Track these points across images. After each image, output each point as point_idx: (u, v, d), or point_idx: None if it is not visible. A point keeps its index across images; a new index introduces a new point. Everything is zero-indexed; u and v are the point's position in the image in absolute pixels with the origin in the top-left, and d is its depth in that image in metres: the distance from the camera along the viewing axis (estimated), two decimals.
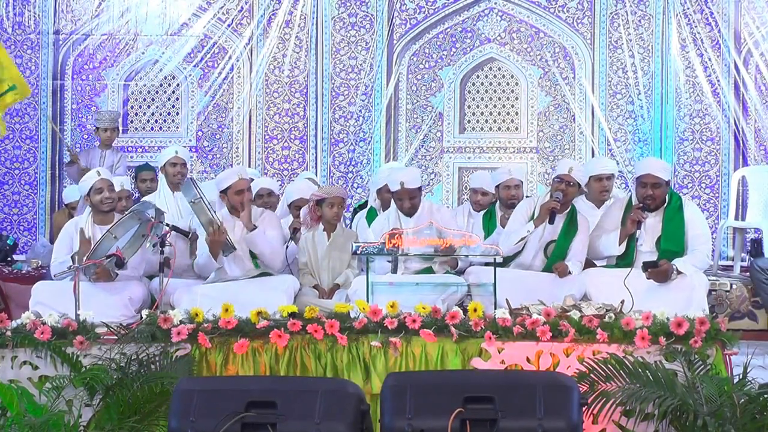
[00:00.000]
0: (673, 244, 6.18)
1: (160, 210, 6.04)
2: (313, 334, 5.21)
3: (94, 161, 8.34)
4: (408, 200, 6.50)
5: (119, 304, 6.01)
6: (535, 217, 6.43)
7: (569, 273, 6.24)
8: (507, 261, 6.33)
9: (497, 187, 7.16)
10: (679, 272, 6.03)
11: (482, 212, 7.18)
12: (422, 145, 9.69)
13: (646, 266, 6.00)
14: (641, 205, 6.20)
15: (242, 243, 6.31)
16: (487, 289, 5.87)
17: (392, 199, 6.69)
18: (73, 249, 6.28)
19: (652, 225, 6.26)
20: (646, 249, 6.24)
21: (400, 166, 8.65)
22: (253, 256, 6.35)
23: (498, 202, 7.15)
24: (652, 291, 5.94)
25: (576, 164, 6.71)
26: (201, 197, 5.99)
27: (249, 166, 9.54)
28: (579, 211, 6.73)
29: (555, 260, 6.37)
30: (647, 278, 5.97)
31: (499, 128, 9.68)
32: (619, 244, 6.22)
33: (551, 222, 6.32)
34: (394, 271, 6.23)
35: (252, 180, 6.98)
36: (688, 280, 6.01)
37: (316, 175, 9.36)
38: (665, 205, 6.30)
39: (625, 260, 6.24)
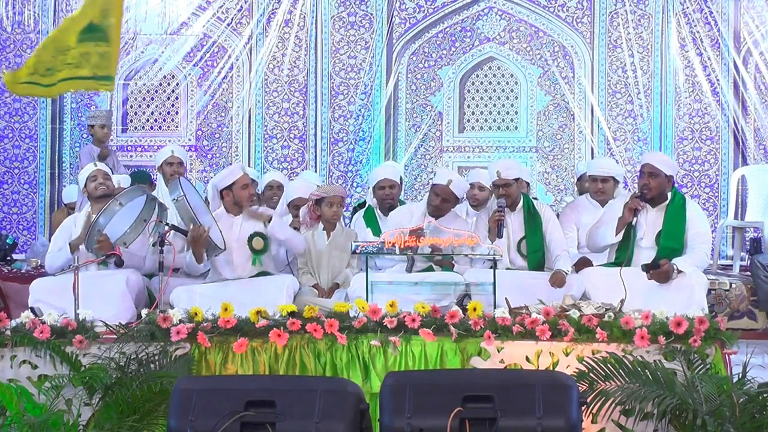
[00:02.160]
0: (672, 241, 6.15)
1: (163, 205, 6.05)
2: (313, 334, 5.21)
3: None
4: (443, 201, 6.46)
5: (117, 297, 6.01)
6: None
7: (566, 274, 6.22)
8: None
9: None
10: (679, 271, 6.02)
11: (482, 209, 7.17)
12: (422, 145, 9.70)
13: (647, 268, 5.99)
14: (639, 194, 6.18)
15: (240, 242, 6.30)
16: (486, 289, 5.87)
17: (429, 195, 6.66)
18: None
19: (653, 220, 6.23)
20: (646, 245, 6.20)
21: (396, 164, 8.64)
22: (254, 251, 6.33)
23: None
24: (652, 290, 5.93)
25: (504, 164, 6.62)
26: (184, 195, 5.93)
27: (249, 165, 9.55)
28: (578, 207, 6.72)
29: (534, 255, 6.38)
30: (648, 279, 5.97)
31: (499, 127, 9.69)
32: (617, 233, 6.18)
33: (500, 236, 6.28)
34: (410, 270, 6.25)
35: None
36: (688, 280, 6.00)
37: (316, 173, 9.36)
38: (668, 201, 6.26)
39: (622, 257, 6.19)
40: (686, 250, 6.16)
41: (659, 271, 5.97)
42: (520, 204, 6.48)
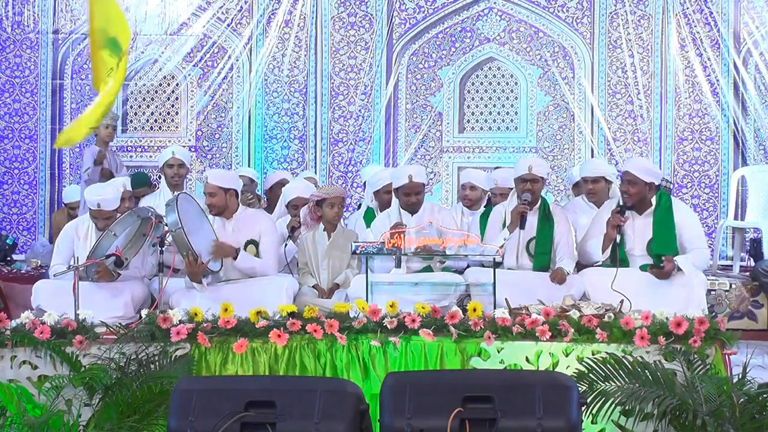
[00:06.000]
0: (664, 247, 6.14)
1: (160, 215, 6.05)
2: (313, 334, 5.22)
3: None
4: (414, 195, 6.49)
5: (120, 304, 6.02)
6: (507, 223, 6.44)
7: (567, 274, 6.22)
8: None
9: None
10: (679, 269, 6.01)
11: (479, 212, 7.18)
12: (421, 145, 9.69)
13: (650, 266, 6.00)
14: (619, 208, 6.18)
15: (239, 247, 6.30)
16: (486, 289, 5.87)
17: (395, 197, 6.66)
18: (72, 252, 6.31)
19: (642, 228, 6.23)
20: (638, 253, 6.21)
21: (385, 168, 8.65)
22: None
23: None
24: (651, 291, 5.94)
25: (535, 160, 6.71)
26: (181, 227, 5.85)
27: (249, 166, 9.56)
28: (575, 209, 6.72)
29: (540, 257, 6.37)
30: (650, 272, 5.98)
31: (499, 128, 9.68)
32: (603, 251, 6.19)
33: (522, 227, 6.29)
34: (398, 266, 6.24)
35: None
36: (687, 279, 6.00)
37: (316, 174, 9.36)
38: (654, 207, 6.25)
39: (622, 263, 6.18)
40: (682, 253, 6.15)
41: (662, 270, 5.98)
42: (538, 204, 6.49)
